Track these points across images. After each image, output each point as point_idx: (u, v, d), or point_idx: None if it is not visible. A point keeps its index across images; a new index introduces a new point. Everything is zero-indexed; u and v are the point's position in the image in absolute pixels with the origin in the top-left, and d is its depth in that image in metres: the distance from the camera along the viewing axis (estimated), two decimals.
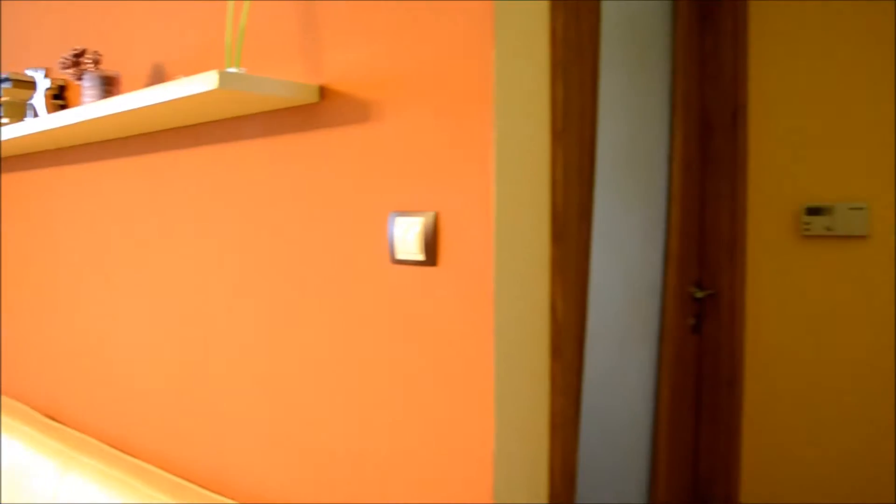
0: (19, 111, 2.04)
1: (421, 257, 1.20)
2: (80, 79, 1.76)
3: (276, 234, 1.48)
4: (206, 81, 1.24)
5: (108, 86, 1.69)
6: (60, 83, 2.07)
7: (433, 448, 1.22)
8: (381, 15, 1.27)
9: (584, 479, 2.15)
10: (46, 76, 2.04)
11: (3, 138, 1.90)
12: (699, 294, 2.34)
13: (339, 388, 1.37)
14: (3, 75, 2.04)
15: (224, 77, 1.22)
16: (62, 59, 1.76)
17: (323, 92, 1.38)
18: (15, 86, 2.03)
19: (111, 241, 1.94)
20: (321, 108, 1.38)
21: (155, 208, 1.79)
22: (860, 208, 2.18)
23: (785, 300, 2.34)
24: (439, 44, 1.18)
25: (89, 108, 1.54)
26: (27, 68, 2.20)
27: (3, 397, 2.41)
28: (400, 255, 1.23)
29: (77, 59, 1.76)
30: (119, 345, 1.93)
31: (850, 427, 2.25)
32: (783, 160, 2.32)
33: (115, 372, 1.95)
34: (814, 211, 2.26)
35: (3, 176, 2.48)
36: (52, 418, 2.23)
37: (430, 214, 1.19)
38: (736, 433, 2.41)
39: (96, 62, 1.75)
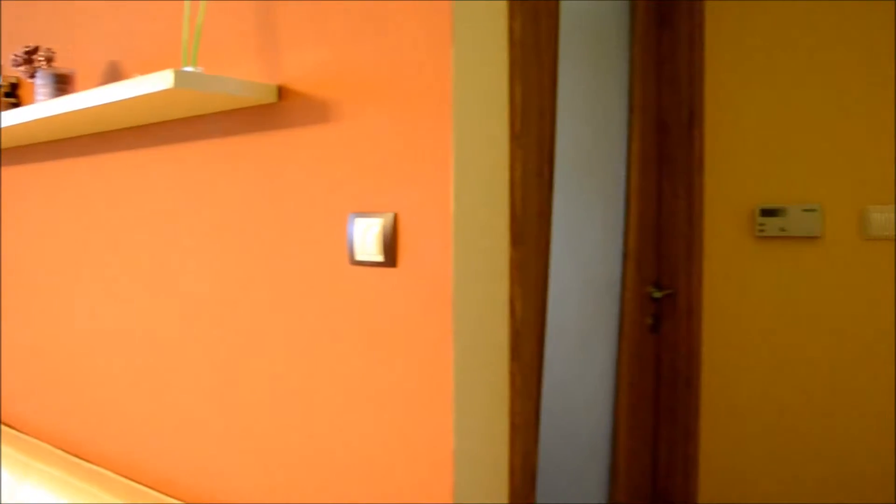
0: None
1: (380, 258, 1.20)
2: (32, 76, 1.72)
3: (234, 235, 1.47)
4: (161, 80, 1.22)
5: (62, 84, 1.66)
6: (13, 81, 2.02)
7: (393, 449, 1.22)
8: (339, 15, 1.26)
9: (544, 478, 2.16)
10: None
11: None
12: (657, 294, 2.37)
13: (298, 390, 1.36)
14: None
15: (180, 76, 1.21)
16: (14, 57, 1.72)
17: (281, 92, 1.37)
18: None
19: (65, 242, 1.91)
20: (280, 109, 1.37)
21: (110, 208, 1.76)
22: (813, 210, 2.23)
23: (741, 299, 2.38)
24: (398, 44, 1.18)
25: (42, 107, 1.51)
26: None
27: None
28: (359, 257, 1.23)
29: (29, 57, 1.72)
30: (74, 348, 1.90)
31: (804, 424, 2.30)
32: (738, 162, 2.36)
33: (71, 377, 1.92)
34: (768, 212, 2.30)
35: None
36: (8, 425, 2.18)
37: (390, 215, 1.19)
38: (693, 432, 2.45)
39: (49, 59, 1.72)
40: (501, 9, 1.23)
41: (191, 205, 1.55)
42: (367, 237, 1.20)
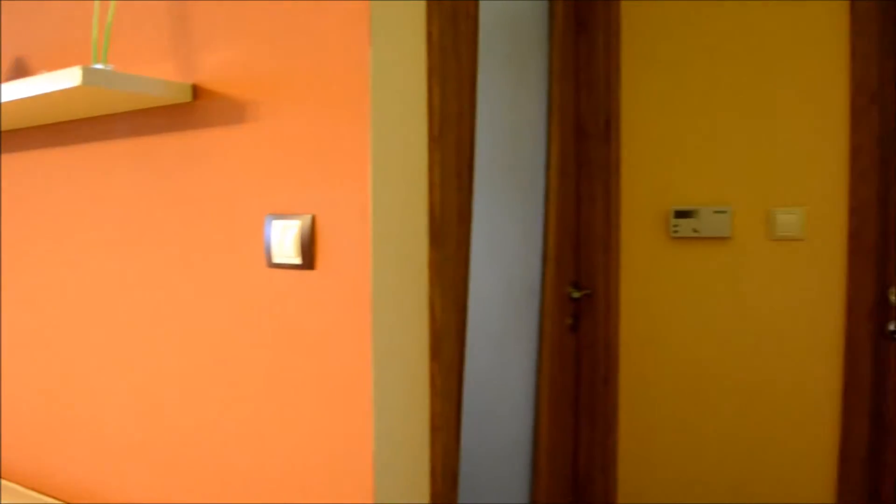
0: None
1: (298, 261, 1.18)
2: None
3: (146, 236, 1.43)
4: (69, 77, 1.18)
5: None
6: None
7: (311, 452, 1.21)
8: (256, 14, 1.24)
9: (466, 479, 2.18)
10: None
11: None
12: (576, 294, 2.42)
13: (214, 395, 1.33)
14: None
15: (88, 73, 1.17)
16: None
17: (196, 91, 1.34)
18: None
19: None
20: (194, 108, 1.34)
21: (15, 209, 1.69)
22: (723, 212, 2.31)
23: (656, 298, 2.45)
24: (316, 45, 1.17)
25: None
26: None
27: None
28: (276, 259, 1.21)
29: None
30: None
31: (718, 418, 2.38)
32: (653, 166, 2.43)
33: None
34: (682, 214, 2.37)
35: None
36: None
37: (307, 217, 1.17)
38: (612, 430, 2.50)
39: None
40: (419, 11, 1.23)
41: (101, 206, 1.51)
42: (284, 239, 1.19)
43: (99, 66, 1.30)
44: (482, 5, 1.94)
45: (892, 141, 2.12)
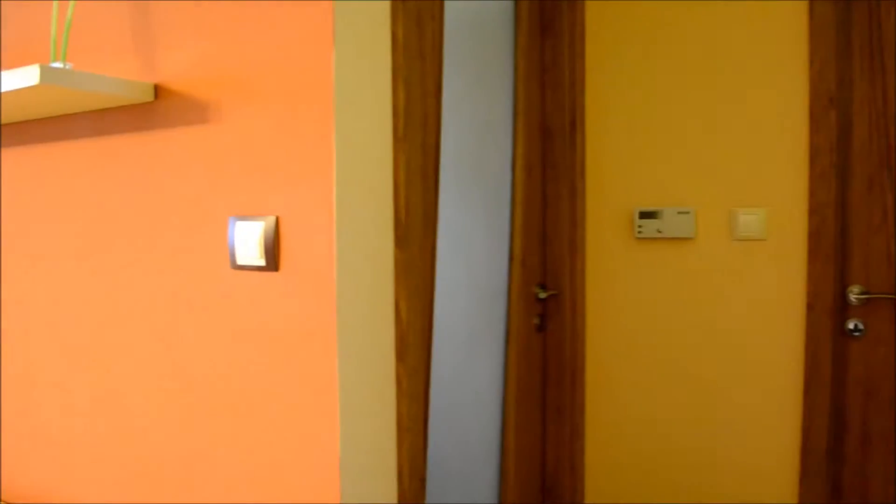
0: None
1: (262, 262, 1.18)
2: None
3: (108, 238, 1.41)
4: (26, 76, 1.16)
5: None
6: None
7: (277, 455, 1.20)
8: (219, 13, 1.23)
9: (434, 480, 2.18)
10: None
11: None
12: (543, 294, 2.43)
13: (177, 399, 1.32)
14: None
15: (46, 72, 1.15)
16: None
17: (158, 90, 1.32)
18: None
19: None
20: (156, 108, 1.33)
21: None
22: (687, 212, 2.34)
23: (622, 297, 2.47)
24: (280, 45, 1.16)
25: None
26: None
27: None
28: (240, 261, 1.20)
29: None
30: None
31: (682, 417, 2.40)
32: (618, 167, 2.45)
33: None
34: (646, 215, 2.40)
35: None
36: None
37: (271, 219, 1.17)
38: (579, 429, 2.52)
39: None
40: (384, 12, 1.23)
41: (61, 207, 1.48)
42: (248, 241, 1.18)
43: (58, 64, 1.28)
44: (447, 6, 1.95)
45: (850, 143, 2.16)
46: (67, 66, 1.27)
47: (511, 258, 2.29)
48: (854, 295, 2.16)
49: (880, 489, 2.17)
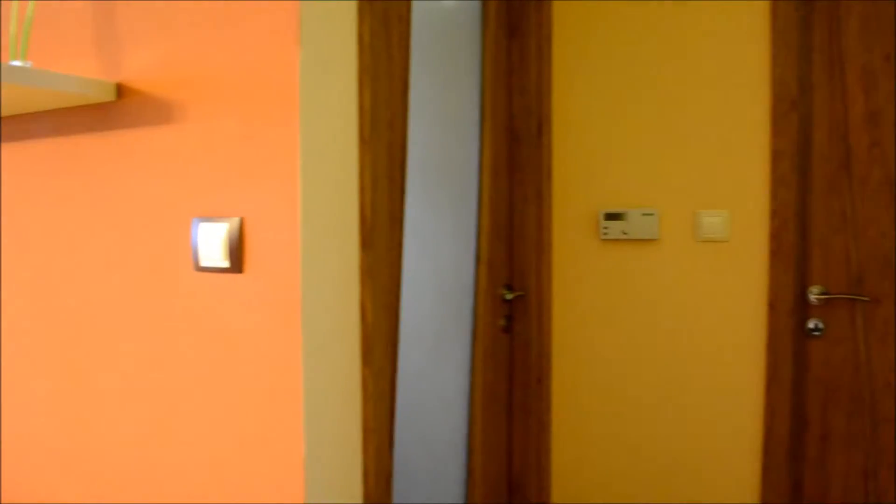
0: None
1: (226, 264, 1.17)
2: None
3: (70, 240, 1.39)
4: None
5: None
6: None
7: (241, 457, 1.19)
8: (183, 13, 1.22)
9: (401, 481, 2.17)
10: None
11: None
12: (509, 296, 2.44)
13: (141, 402, 1.31)
14: None
15: (5, 70, 1.13)
16: None
17: (120, 90, 1.31)
18: None
19: None
20: (119, 107, 1.31)
21: None
22: (651, 214, 2.37)
23: (587, 298, 2.49)
24: (245, 45, 1.16)
25: None
26: None
27: None
28: (204, 263, 1.19)
29: None
30: None
31: (647, 415, 2.43)
32: (584, 170, 2.47)
33: None
34: (612, 216, 2.42)
35: None
36: None
37: (236, 220, 1.16)
38: (546, 429, 2.53)
39: None
40: (350, 12, 1.23)
41: (21, 208, 1.46)
42: (212, 243, 1.17)
43: (17, 62, 1.25)
44: (414, 7, 1.95)
45: (810, 147, 2.20)
46: (27, 65, 1.25)
47: (478, 259, 2.29)
48: (814, 295, 2.20)
49: (840, 486, 2.21)
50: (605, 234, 2.43)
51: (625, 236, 2.41)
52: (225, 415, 1.21)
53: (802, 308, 2.24)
